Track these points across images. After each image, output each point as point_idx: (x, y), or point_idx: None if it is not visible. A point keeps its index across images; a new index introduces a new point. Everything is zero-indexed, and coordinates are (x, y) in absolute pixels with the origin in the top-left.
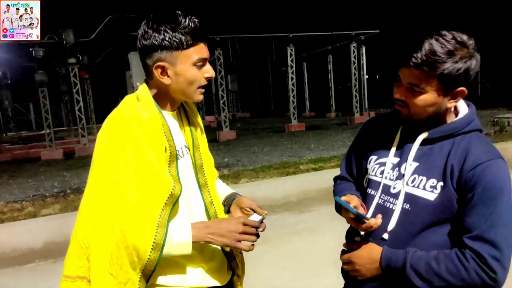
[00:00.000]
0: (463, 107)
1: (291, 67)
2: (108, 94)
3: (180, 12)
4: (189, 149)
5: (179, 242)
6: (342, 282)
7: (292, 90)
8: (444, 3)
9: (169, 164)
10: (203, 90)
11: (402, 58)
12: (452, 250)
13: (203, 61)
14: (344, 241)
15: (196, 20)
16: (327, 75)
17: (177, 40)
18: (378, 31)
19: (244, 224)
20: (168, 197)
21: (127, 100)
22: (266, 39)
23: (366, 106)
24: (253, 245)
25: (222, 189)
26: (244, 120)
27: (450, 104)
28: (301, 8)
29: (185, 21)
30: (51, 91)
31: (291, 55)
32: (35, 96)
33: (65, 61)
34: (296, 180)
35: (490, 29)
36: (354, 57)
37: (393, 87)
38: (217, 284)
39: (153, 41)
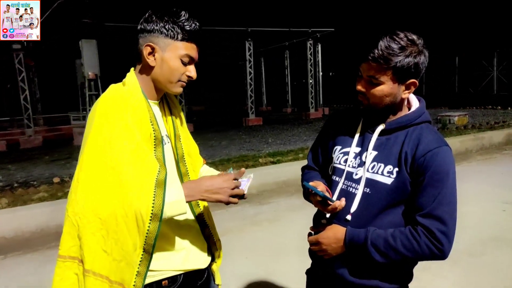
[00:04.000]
0: (415, 101)
1: (249, 61)
2: (55, 83)
3: (185, 12)
4: (170, 139)
5: (172, 200)
6: (301, 267)
7: (250, 85)
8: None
9: (155, 148)
10: (184, 84)
11: (362, 55)
12: (406, 227)
13: (190, 59)
14: (301, 229)
15: (198, 24)
16: (284, 71)
17: (173, 30)
18: (333, 29)
19: (234, 179)
20: (156, 179)
21: (113, 87)
22: (224, 33)
23: (321, 102)
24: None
25: (209, 172)
26: (201, 113)
27: (404, 95)
28: (260, 3)
29: (186, 20)
30: None
31: (249, 49)
32: None
33: (8, 47)
34: (255, 173)
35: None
36: (310, 54)
37: (347, 84)
38: (199, 267)
39: (154, 25)
